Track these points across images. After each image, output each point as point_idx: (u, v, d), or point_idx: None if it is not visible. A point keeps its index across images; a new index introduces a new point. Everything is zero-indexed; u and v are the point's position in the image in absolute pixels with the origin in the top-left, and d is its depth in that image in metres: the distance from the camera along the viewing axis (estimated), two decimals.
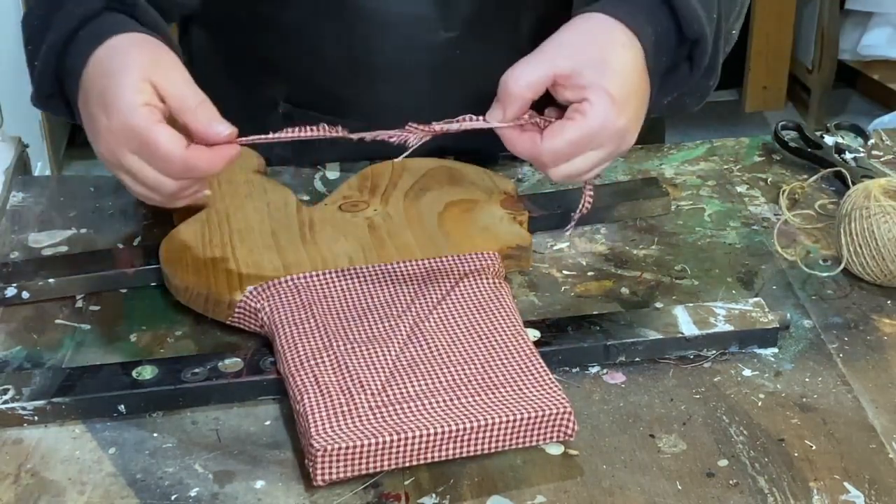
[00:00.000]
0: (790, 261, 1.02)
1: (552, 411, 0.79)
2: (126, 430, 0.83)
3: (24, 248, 1.05)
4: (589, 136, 0.88)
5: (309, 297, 0.91)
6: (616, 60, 0.89)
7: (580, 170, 0.91)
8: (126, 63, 0.87)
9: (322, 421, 0.78)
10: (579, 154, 0.89)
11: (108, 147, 0.87)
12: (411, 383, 0.82)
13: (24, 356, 0.91)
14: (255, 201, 1.03)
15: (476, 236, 0.99)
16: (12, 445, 0.82)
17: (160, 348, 0.92)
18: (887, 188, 0.98)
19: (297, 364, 0.84)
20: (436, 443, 0.78)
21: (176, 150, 0.85)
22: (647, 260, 1.03)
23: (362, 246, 0.98)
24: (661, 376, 0.89)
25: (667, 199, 1.10)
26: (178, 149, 0.85)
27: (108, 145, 0.87)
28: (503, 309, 0.90)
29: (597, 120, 0.87)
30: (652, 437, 0.82)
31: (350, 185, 1.07)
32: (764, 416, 0.84)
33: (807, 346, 0.92)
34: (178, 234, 0.99)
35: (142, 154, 0.86)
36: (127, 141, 0.86)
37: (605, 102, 0.87)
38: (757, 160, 1.20)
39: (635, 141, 0.92)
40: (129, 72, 0.86)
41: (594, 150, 0.89)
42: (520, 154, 0.91)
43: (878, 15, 3.19)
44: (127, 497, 0.77)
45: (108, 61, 0.89)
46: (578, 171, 0.91)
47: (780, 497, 0.77)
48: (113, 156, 0.87)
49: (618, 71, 0.89)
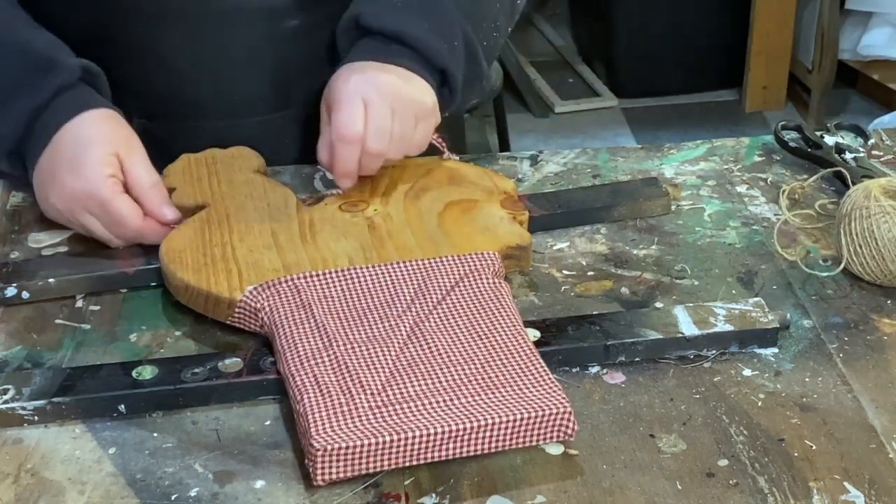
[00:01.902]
0: (790, 261, 1.02)
1: (552, 411, 0.79)
2: (126, 430, 0.83)
3: (24, 248, 1.05)
4: (348, 96, 1.02)
5: (309, 297, 0.90)
6: None
7: (402, 142, 1.04)
8: (97, 137, 1.01)
9: (322, 421, 0.78)
10: (388, 123, 1.02)
11: (68, 205, 1.01)
12: (411, 383, 0.82)
13: (24, 356, 0.91)
14: (255, 201, 1.03)
15: (476, 236, 0.99)
16: (12, 445, 0.82)
17: (160, 348, 0.92)
18: (887, 188, 0.98)
19: (297, 364, 0.84)
20: (436, 443, 0.78)
21: (133, 222, 0.99)
22: (647, 260, 1.03)
23: (362, 246, 0.98)
24: (661, 376, 0.89)
25: (667, 199, 1.10)
26: (135, 220, 0.99)
27: (68, 204, 1.01)
28: (503, 309, 0.90)
29: (338, 90, 1.03)
30: (652, 437, 0.82)
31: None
32: (764, 416, 0.84)
33: (807, 346, 0.92)
34: (178, 233, 0.99)
35: (100, 218, 1.00)
36: (89, 204, 0.99)
37: (343, 79, 1.03)
38: (757, 160, 1.20)
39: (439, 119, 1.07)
40: (101, 145, 1.00)
41: (394, 115, 1.02)
42: (341, 159, 1.03)
43: (878, 15, 3.20)
44: (127, 497, 0.77)
45: (81, 131, 1.01)
46: (401, 143, 1.04)
47: (780, 497, 0.77)
48: (70, 213, 1.01)
49: None
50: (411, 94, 1.04)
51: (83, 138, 1.01)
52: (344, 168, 1.02)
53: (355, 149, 1.01)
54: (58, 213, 1.03)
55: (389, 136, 1.02)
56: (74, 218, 1.01)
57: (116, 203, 0.99)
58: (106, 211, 0.99)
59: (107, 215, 0.99)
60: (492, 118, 2.97)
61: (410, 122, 1.04)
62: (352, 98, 1.02)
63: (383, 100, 1.02)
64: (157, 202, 1.01)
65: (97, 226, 1.00)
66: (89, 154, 1.00)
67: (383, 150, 1.02)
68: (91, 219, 1.00)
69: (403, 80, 1.05)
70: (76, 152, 1.00)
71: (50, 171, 1.01)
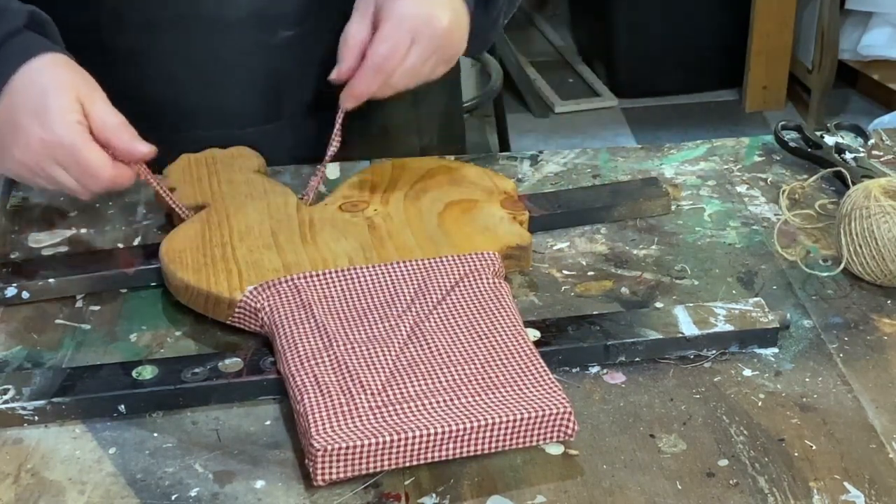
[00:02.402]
0: (790, 261, 1.02)
1: (552, 411, 0.79)
2: (126, 430, 0.83)
3: (24, 248, 1.05)
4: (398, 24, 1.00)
5: (309, 297, 0.90)
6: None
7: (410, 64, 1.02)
8: (59, 81, 0.95)
9: (322, 421, 0.78)
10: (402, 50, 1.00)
11: (35, 157, 0.95)
12: (411, 383, 0.82)
13: (24, 356, 0.91)
14: (255, 201, 1.03)
15: (476, 236, 0.99)
16: (12, 445, 0.82)
17: (160, 348, 0.92)
18: (887, 188, 0.98)
19: (297, 364, 0.84)
20: (436, 443, 0.78)
21: (105, 170, 0.94)
22: (647, 260, 1.03)
23: (362, 246, 0.98)
24: (661, 376, 0.89)
25: (667, 199, 1.10)
26: (106, 169, 0.94)
27: (35, 156, 0.95)
28: (503, 309, 0.90)
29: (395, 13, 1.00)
30: (652, 437, 0.82)
31: (350, 185, 1.07)
32: (764, 416, 0.84)
33: (807, 346, 0.92)
34: (178, 234, 0.99)
35: (70, 168, 0.94)
36: (55, 154, 0.94)
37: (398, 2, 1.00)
38: (757, 160, 1.20)
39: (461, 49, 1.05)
40: (64, 90, 0.95)
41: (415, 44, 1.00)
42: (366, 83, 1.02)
43: (878, 15, 3.20)
44: (127, 497, 0.77)
45: (39, 77, 0.96)
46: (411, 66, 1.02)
47: (780, 497, 0.77)
48: (37, 166, 0.95)
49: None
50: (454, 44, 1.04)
51: (43, 85, 0.95)
52: (361, 91, 1.02)
53: (383, 79, 1.01)
54: (21, 167, 0.97)
55: (416, 78, 1.03)
56: (42, 171, 0.96)
57: (86, 151, 0.94)
58: (76, 160, 0.94)
59: (77, 165, 0.94)
60: (492, 118, 2.97)
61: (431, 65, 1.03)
62: (402, 29, 1.00)
63: (430, 43, 1.01)
64: (126, 139, 0.96)
65: (66, 177, 0.96)
66: (53, 101, 0.94)
67: (401, 87, 1.03)
68: (60, 170, 0.95)
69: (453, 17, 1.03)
70: (38, 100, 0.94)
71: (11, 122, 0.95)
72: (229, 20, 1.12)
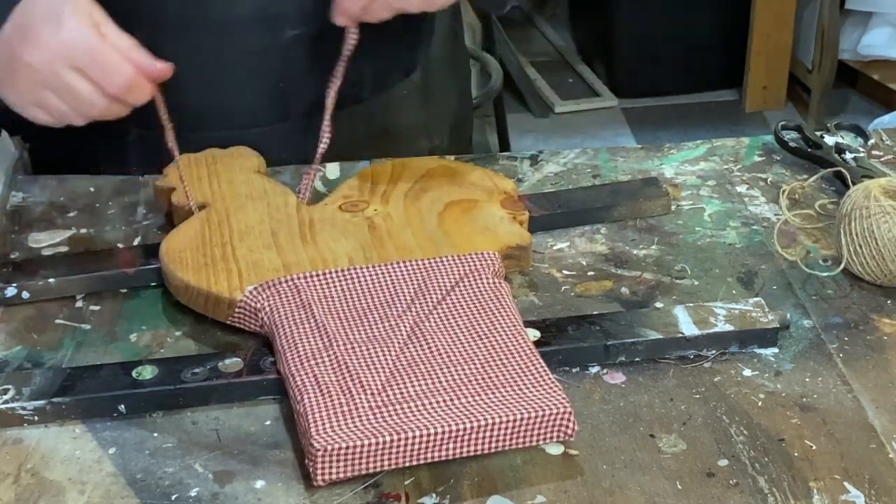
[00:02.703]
0: (790, 261, 1.02)
1: (552, 411, 0.79)
2: (126, 430, 0.83)
3: (24, 248, 1.05)
4: None
5: (309, 297, 0.91)
6: None
7: None
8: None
9: (322, 421, 0.78)
10: None
11: (47, 59, 0.92)
12: (411, 383, 0.82)
13: (24, 356, 0.91)
14: (255, 201, 1.03)
15: (476, 236, 0.99)
16: (12, 445, 0.82)
17: (160, 348, 0.92)
18: (887, 188, 0.98)
19: (297, 364, 0.84)
20: (436, 443, 0.78)
21: (125, 65, 0.92)
22: (647, 260, 1.03)
23: (362, 246, 0.98)
24: (661, 376, 0.89)
25: (667, 199, 1.10)
26: (128, 66, 0.92)
27: (48, 57, 0.92)
28: (503, 309, 0.90)
29: None
30: (652, 437, 0.82)
31: (350, 185, 1.07)
32: (764, 416, 0.84)
33: (807, 346, 0.92)
34: (178, 234, 0.99)
35: (87, 68, 0.92)
36: (72, 56, 0.91)
37: None
38: (757, 160, 1.20)
39: None
40: (80, 3, 0.92)
41: None
42: None
43: (878, 15, 3.20)
44: (127, 497, 0.77)
45: None
46: None
47: (780, 497, 0.77)
48: (50, 70, 0.92)
49: None
50: None
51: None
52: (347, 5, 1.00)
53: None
54: (30, 79, 0.94)
55: None
56: (55, 78, 0.93)
57: (105, 48, 0.92)
58: (94, 58, 0.92)
59: (95, 63, 0.92)
60: (492, 118, 2.97)
61: None
62: None
63: None
64: (142, 56, 0.94)
65: (81, 83, 0.93)
66: (69, 7, 0.92)
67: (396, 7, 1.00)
68: (74, 75, 0.92)
69: None
70: (55, 7, 0.93)
71: (24, 26, 0.93)
72: (236, 21, 1.12)
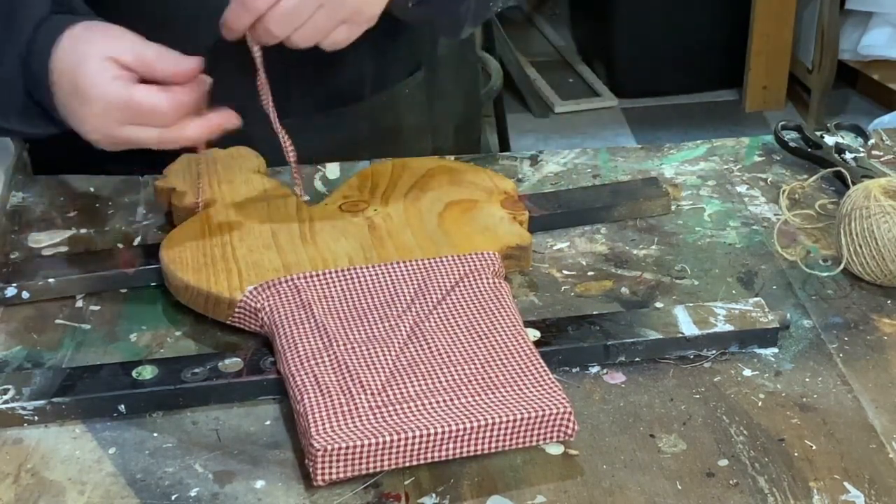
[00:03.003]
0: (790, 261, 1.02)
1: (552, 411, 0.79)
2: (126, 430, 0.83)
3: (24, 248, 1.05)
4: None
5: (309, 297, 0.91)
6: None
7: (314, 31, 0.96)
8: (83, 52, 0.94)
9: (322, 421, 0.78)
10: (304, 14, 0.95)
11: (98, 130, 0.95)
12: (411, 383, 0.82)
13: (24, 356, 0.91)
14: (255, 201, 1.04)
15: (476, 236, 0.99)
16: (12, 445, 0.82)
17: (160, 348, 0.92)
18: (887, 188, 0.98)
19: (297, 364, 0.84)
20: (436, 443, 0.78)
21: (161, 100, 0.92)
22: (647, 260, 1.03)
23: (362, 246, 0.98)
24: (661, 376, 0.89)
25: (667, 199, 1.10)
26: (161, 98, 0.92)
27: (97, 128, 0.94)
28: (503, 309, 0.90)
29: None
30: (652, 437, 0.82)
31: (350, 185, 1.07)
32: (764, 416, 0.84)
33: (807, 346, 0.92)
34: (178, 234, 0.99)
35: (133, 121, 0.93)
36: (113, 118, 0.93)
37: None
38: (757, 160, 1.20)
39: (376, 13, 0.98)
40: (88, 58, 0.93)
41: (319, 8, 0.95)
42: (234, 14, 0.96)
43: (878, 15, 3.20)
44: (127, 497, 0.77)
45: (67, 56, 0.95)
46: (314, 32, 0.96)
47: (780, 497, 0.77)
48: (107, 135, 0.95)
49: None
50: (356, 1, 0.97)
51: (71, 62, 0.95)
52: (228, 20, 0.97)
53: (248, 17, 0.96)
54: (101, 141, 0.96)
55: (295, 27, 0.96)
56: (117, 137, 0.95)
57: (133, 97, 0.92)
58: (133, 109, 0.93)
59: (135, 114, 0.93)
60: (492, 118, 2.97)
61: (334, 22, 0.97)
62: None
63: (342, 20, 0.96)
64: (170, 61, 0.94)
65: (139, 132, 0.94)
66: (83, 72, 0.93)
67: (281, 36, 0.97)
68: (129, 129, 0.94)
69: None
70: (72, 79, 0.94)
71: (68, 108, 0.96)
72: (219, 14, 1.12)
